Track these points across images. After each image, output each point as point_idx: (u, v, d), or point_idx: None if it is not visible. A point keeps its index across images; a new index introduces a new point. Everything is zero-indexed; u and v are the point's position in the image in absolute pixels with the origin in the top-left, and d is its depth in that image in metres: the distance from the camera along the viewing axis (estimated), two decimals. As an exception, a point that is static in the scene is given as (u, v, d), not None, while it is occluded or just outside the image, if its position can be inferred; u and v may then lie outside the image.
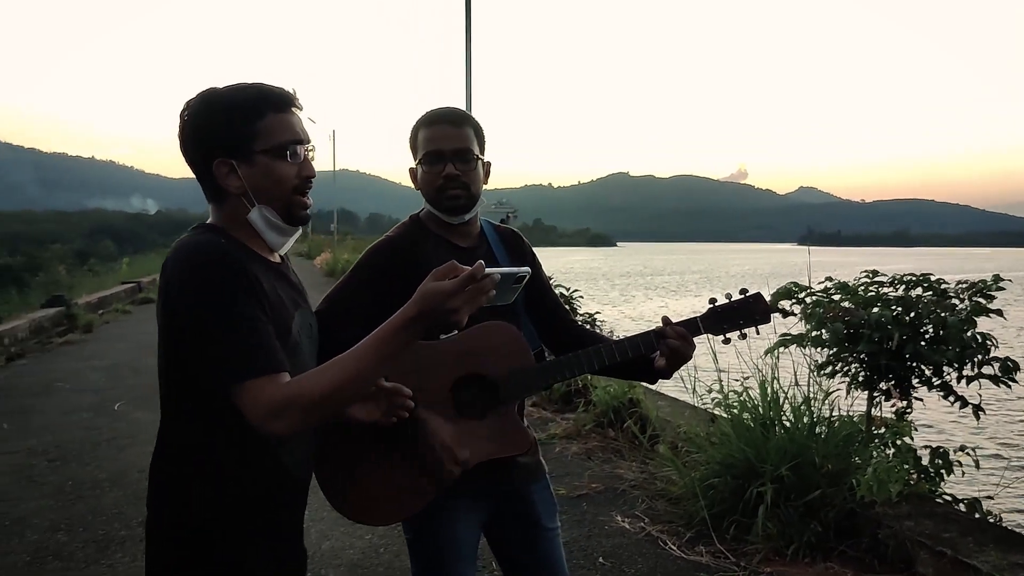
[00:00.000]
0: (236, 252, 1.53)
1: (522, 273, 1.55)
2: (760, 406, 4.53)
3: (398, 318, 1.43)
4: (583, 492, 5.01)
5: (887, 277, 5.26)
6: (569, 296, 12.22)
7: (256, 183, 1.58)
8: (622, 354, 2.08)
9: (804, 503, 4.00)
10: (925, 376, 4.88)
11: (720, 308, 2.10)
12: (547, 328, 2.31)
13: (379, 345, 1.43)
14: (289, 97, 1.62)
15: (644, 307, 34.28)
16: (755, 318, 2.10)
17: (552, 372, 2.08)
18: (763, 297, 2.12)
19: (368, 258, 2.14)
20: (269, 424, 1.40)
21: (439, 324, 1.44)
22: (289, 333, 1.56)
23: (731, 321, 2.09)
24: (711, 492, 4.36)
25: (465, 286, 1.41)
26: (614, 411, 6.23)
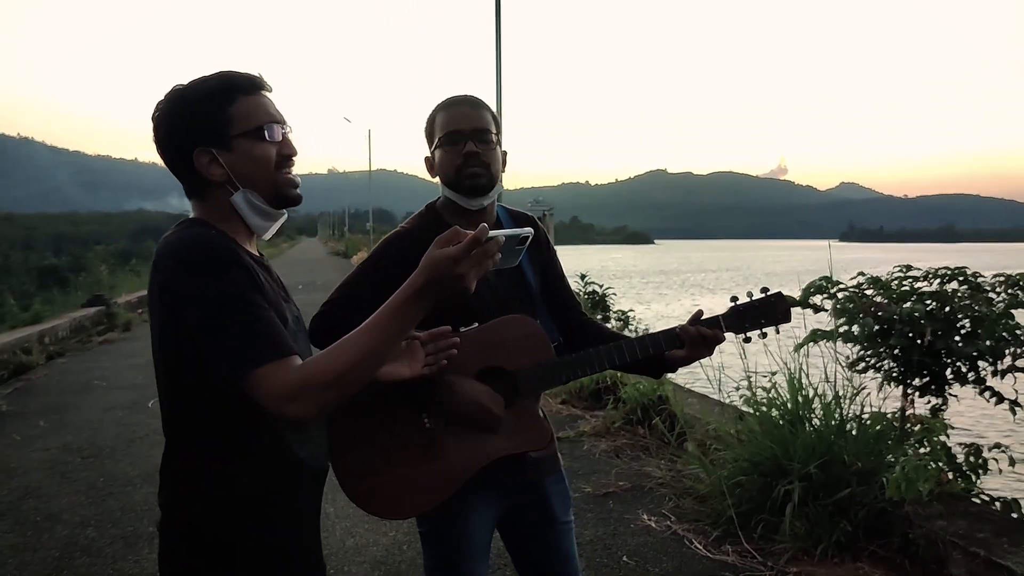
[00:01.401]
0: (230, 242, 1.53)
1: (525, 234, 1.54)
2: (789, 403, 4.45)
3: (406, 289, 1.44)
4: (610, 490, 4.97)
5: (920, 271, 5.15)
6: (603, 294, 12.17)
7: (238, 168, 1.57)
8: (643, 351, 2.06)
9: (833, 502, 3.92)
10: (960, 372, 4.78)
11: (742, 307, 2.09)
12: (562, 322, 2.28)
13: (391, 318, 1.44)
14: (256, 79, 1.61)
15: (678, 305, 34.00)
16: (776, 317, 2.09)
17: (573, 367, 2.06)
18: (784, 296, 2.10)
19: (383, 248, 2.12)
20: (287, 408, 1.39)
21: (448, 290, 1.44)
22: (286, 323, 1.56)
23: (752, 320, 2.08)
24: (738, 490, 4.30)
25: (471, 250, 1.42)
26: (643, 408, 6.17)
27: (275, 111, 1.62)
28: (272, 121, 1.60)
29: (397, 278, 1.49)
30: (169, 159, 1.60)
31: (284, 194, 1.63)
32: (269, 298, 1.52)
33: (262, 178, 1.60)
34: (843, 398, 4.42)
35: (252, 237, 1.66)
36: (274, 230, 1.68)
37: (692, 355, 2.06)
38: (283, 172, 1.62)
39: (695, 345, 2.05)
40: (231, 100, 1.57)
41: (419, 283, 1.43)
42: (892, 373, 4.89)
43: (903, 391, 4.91)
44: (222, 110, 1.56)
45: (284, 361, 1.42)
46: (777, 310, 2.08)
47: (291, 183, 1.64)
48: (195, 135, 1.56)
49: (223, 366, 1.43)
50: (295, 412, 1.40)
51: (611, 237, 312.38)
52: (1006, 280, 4.91)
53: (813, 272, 5.76)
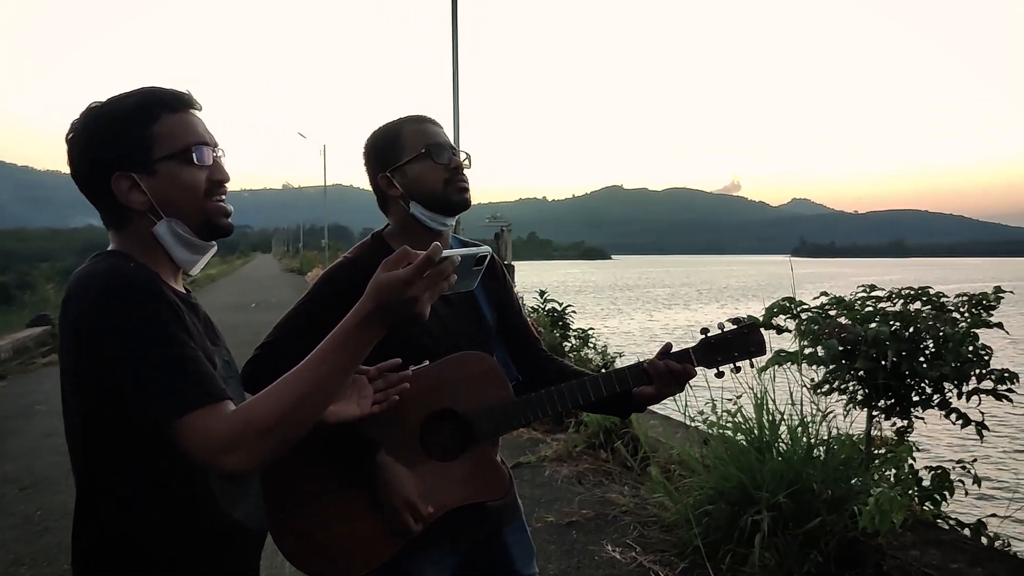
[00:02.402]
0: (152, 276, 1.36)
1: (482, 253, 1.41)
2: (755, 428, 4.34)
3: (354, 316, 1.29)
4: (573, 519, 4.81)
5: (884, 291, 5.10)
6: (562, 312, 12.04)
7: (162, 194, 1.40)
8: (609, 388, 1.92)
9: (803, 532, 3.81)
10: (925, 394, 4.73)
11: (713, 339, 1.96)
12: (521, 358, 2.13)
13: (336, 350, 1.28)
14: (184, 96, 1.44)
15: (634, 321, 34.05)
16: (750, 350, 1.96)
17: (534, 408, 1.90)
18: (758, 327, 1.97)
19: (325, 281, 1.95)
20: (220, 460, 1.22)
21: (400, 317, 1.30)
22: (215, 368, 1.38)
23: (725, 353, 1.95)
24: (705, 519, 4.17)
25: (423, 272, 1.28)
26: (605, 432, 6.04)
27: (205, 131, 1.45)
28: (201, 142, 1.42)
29: (342, 313, 1.33)
30: (84, 184, 1.42)
31: (214, 224, 1.45)
32: (196, 339, 1.35)
33: (189, 206, 1.42)
34: (810, 422, 4.33)
35: (178, 272, 1.48)
36: (203, 264, 1.50)
37: (661, 392, 1.93)
38: (213, 200, 1.45)
39: (664, 381, 1.92)
40: (154, 118, 1.40)
41: (368, 309, 1.28)
42: (857, 395, 4.83)
43: (868, 414, 4.84)
44: (144, 130, 1.39)
45: (216, 407, 1.25)
46: (750, 342, 1.96)
47: (222, 211, 1.46)
48: (113, 158, 1.38)
49: (145, 412, 1.25)
50: (230, 465, 1.23)
51: (569, 253, 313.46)
52: (969, 299, 4.88)
53: (767, 287, 5.71)
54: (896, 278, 33.64)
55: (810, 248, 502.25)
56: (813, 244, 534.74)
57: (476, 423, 1.84)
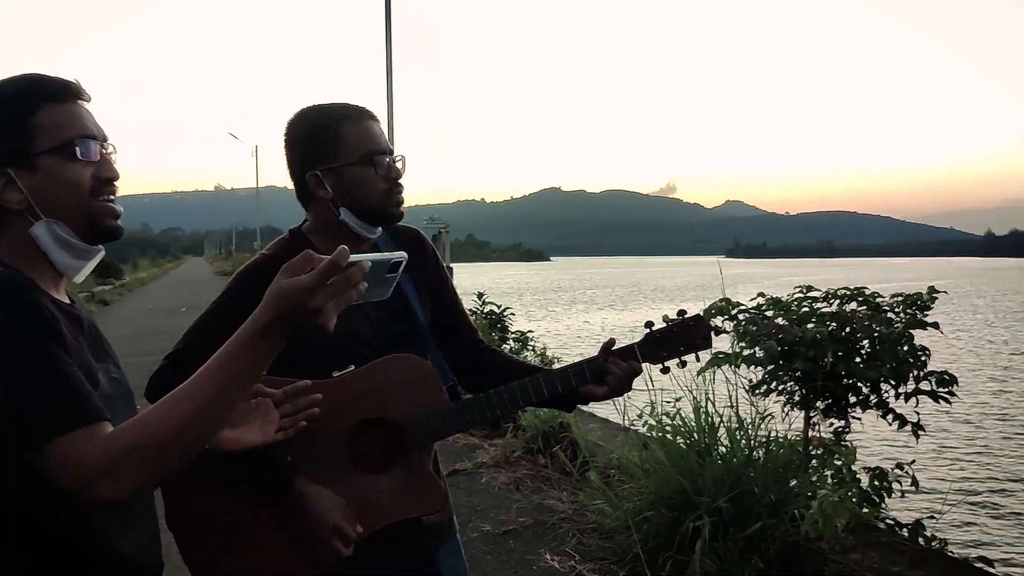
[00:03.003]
0: (26, 283, 1.20)
1: (397, 258, 1.26)
2: (694, 431, 4.28)
3: (250, 327, 1.15)
4: (510, 528, 4.69)
5: (821, 292, 5.10)
6: (500, 314, 11.92)
7: (42, 192, 1.25)
8: (566, 386, 1.80)
9: (744, 537, 3.74)
10: (863, 394, 4.73)
11: (658, 333, 1.85)
12: (455, 360, 1.99)
13: (229, 364, 1.14)
14: (70, 85, 1.29)
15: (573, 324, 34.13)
16: (696, 343, 1.87)
17: (473, 412, 1.77)
18: (704, 320, 1.89)
19: (239, 282, 1.79)
20: (93, 489, 1.08)
21: (302, 328, 1.15)
22: (97, 385, 1.22)
23: (671, 348, 1.85)
24: (645, 525, 4.08)
25: (327, 278, 1.13)
26: (544, 436, 5.92)
27: (92, 124, 1.30)
28: (87, 136, 1.27)
29: None
30: None
31: (100, 225, 1.30)
32: (73, 354, 1.19)
33: (72, 206, 1.27)
34: (749, 425, 4.28)
35: (60, 279, 1.32)
36: (88, 270, 1.34)
37: (613, 391, 1.82)
38: (100, 199, 1.29)
39: (615, 378, 1.81)
40: (34, 109, 1.25)
41: (265, 319, 1.14)
42: (795, 397, 4.81)
43: (806, 415, 4.83)
44: (22, 120, 1.24)
45: (89, 429, 1.11)
46: (696, 335, 1.86)
47: (109, 212, 1.31)
48: None
49: (8, 434, 1.10)
50: (105, 494, 1.09)
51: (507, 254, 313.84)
52: (904, 300, 4.90)
53: (704, 287, 5.69)
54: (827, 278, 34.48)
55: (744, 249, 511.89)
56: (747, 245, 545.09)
57: (408, 431, 1.70)
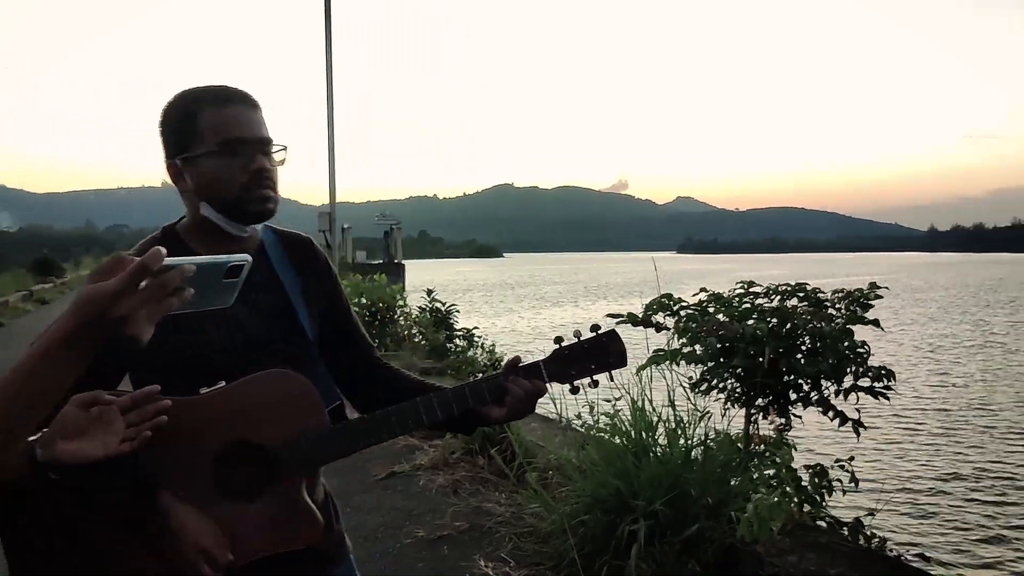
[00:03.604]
0: None
1: (237, 261, 1.13)
2: (632, 431, 4.16)
3: (53, 333, 1.03)
4: (445, 533, 4.53)
5: (762, 288, 5.03)
6: (446, 312, 11.77)
7: None
8: (462, 406, 1.63)
9: (681, 540, 3.64)
10: (803, 391, 4.67)
11: (567, 350, 1.72)
12: (348, 375, 1.82)
13: (27, 372, 1.03)
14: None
15: (524, 320, 34.04)
16: (609, 361, 1.73)
17: (355, 436, 1.58)
18: (619, 336, 1.75)
19: None
20: None
21: (111, 336, 1.03)
22: None
23: (580, 365, 1.72)
24: (581, 529, 3.95)
25: (135, 282, 1.01)
26: (484, 437, 5.77)
27: None
28: None
29: None
30: None
31: None
32: None
33: None
34: (687, 424, 4.18)
35: None
36: None
37: (511, 412, 1.67)
38: None
39: (514, 398, 1.66)
40: None
41: (68, 327, 1.02)
42: (736, 394, 4.73)
43: (747, 412, 4.75)
44: None
45: None
46: (609, 352, 1.72)
47: None
48: None
49: None
50: None
51: (460, 251, 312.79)
52: (845, 295, 4.85)
53: (651, 283, 5.60)
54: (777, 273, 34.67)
55: (695, 245, 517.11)
56: (698, 241, 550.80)
57: (281, 456, 1.52)
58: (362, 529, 4.64)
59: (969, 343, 25.25)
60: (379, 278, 11.93)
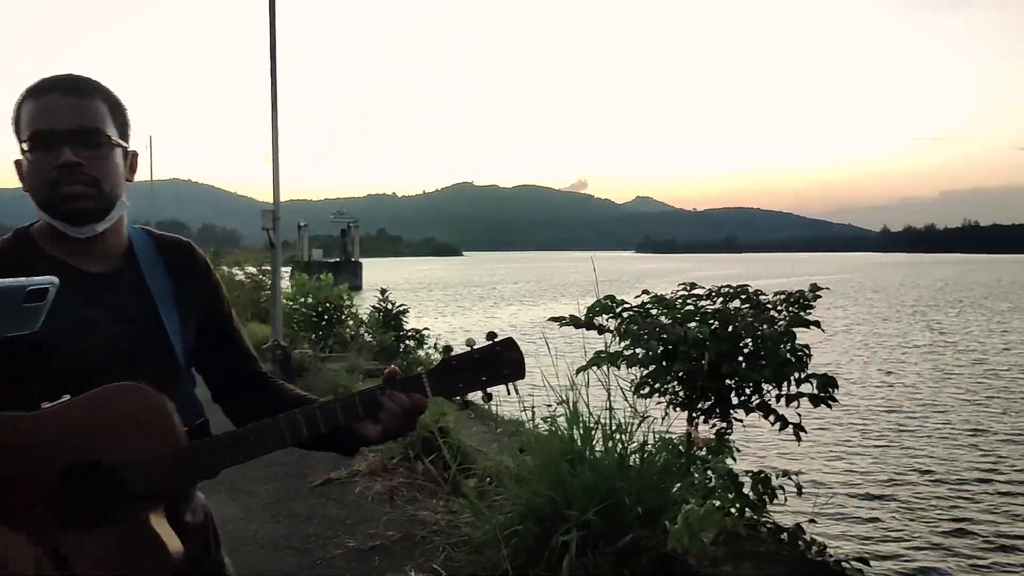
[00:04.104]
0: None
1: (39, 284, 1.02)
2: (569, 437, 4.05)
3: None
4: (377, 543, 4.38)
5: (704, 290, 4.96)
6: (395, 312, 11.57)
7: None
8: (331, 423, 1.48)
9: (615, 550, 3.53)
10: (745, 395, 4.60)
11: (455, 360, 1.56)
12: (225, 387, 1.67)
13: None
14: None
15: (480, 319, 33.91)
16: (502, 373, 1.55)
17: (215, 454, 1.42)
18: (516, 344, 1.57)
19: None
20: None
21: None
22: None
23: (469, 377, 1.55)
24: (515, 539, 3.83)
25: None
26: (424, 442, 5.63)
27: None
28: None
29: None
30: None
31: None
32: None
33: None
34: (625, 429, 4.08)
35: None
36: None
37: (387, 430, 1.52)
38: None
39: (389, 416, 1.50)
40: None
41: None
42: (678, 397, 4.65)
43: (688, 416, 4.67)
44: None
45: None
46: (504, 363, 1.55)
47: None
48: None
49: None
50: None
51: (419, 249, 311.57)
52: (787, 298, 4.79)
53: (610, 282, 5.51)
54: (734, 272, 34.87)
55: (653, 244, 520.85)
56: (656, 241, 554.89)
57: (130, 478, 1.37)
58: (292, 539, 4.49)
59: (919, 343, 25.65)
60: (326, 277, 11.71)
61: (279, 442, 1.45)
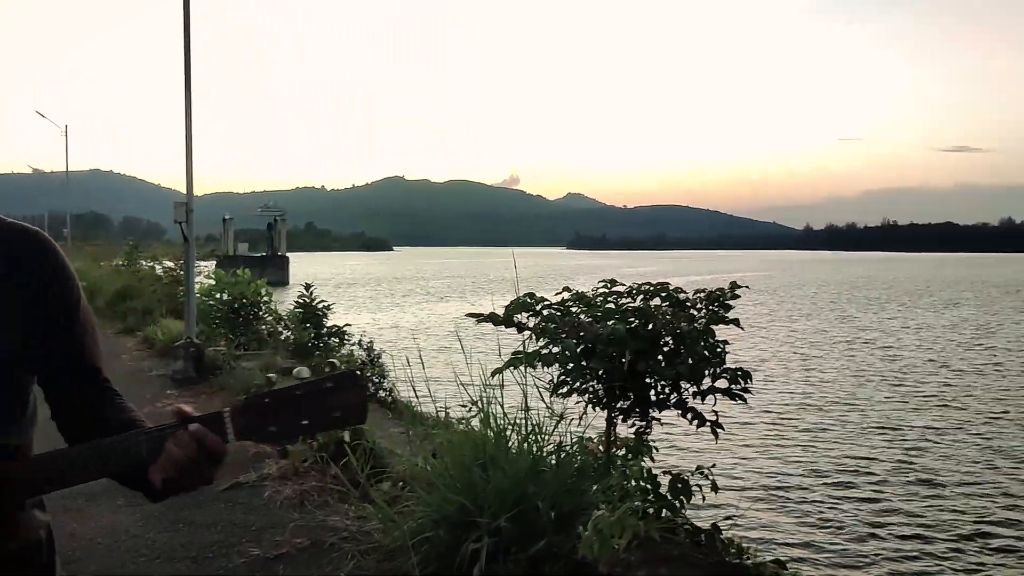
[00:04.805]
0: None
1: None
2: (482, 440, 3.92)
3: None
4: (283, 551, 4.19)
5: (625, 287, 4.88)
6: (315, 309, 11.27)
7: None
8: (95, 465, 1.25)
9: (528, 557, 3.42)
10: (663, 393, 4.54)
11: (270, 398, 1.24)
12: (64, 397, 1.47)
13: None
14: None
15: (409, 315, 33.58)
16: (333, 416, 1.24)
17: None
18: (357, 381, 1.25)
19: None
20: None
21: None
22: None
23: (287, 421, 1.23)
24: (425, 546, 3.69)
25: None
26: (337, 443, 5.43)
27: None
28: None
29: None
30: None
31: None
32: None
33: None
34: (541, 431, 3.97)
35: None
36: None
37: (171, 482, 1.25)
38: None
39: (172, 464, 1.23)
40: None
41: None
42: (597, 396, 4.56)
43: (608, 416, 4.59)
44: None
45: None
46: (335, 405, 1.23)
47: None
48: None
49: None
50: None
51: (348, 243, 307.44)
52: (707, 295, 4.74)
53: (541, 278, 5.40)
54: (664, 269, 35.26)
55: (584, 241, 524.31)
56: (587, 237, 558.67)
57: None
58: (191, 548, 4.26)
59: (838, 339, 26.27)
60: (243, 273, 11.34)
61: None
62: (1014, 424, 13.65)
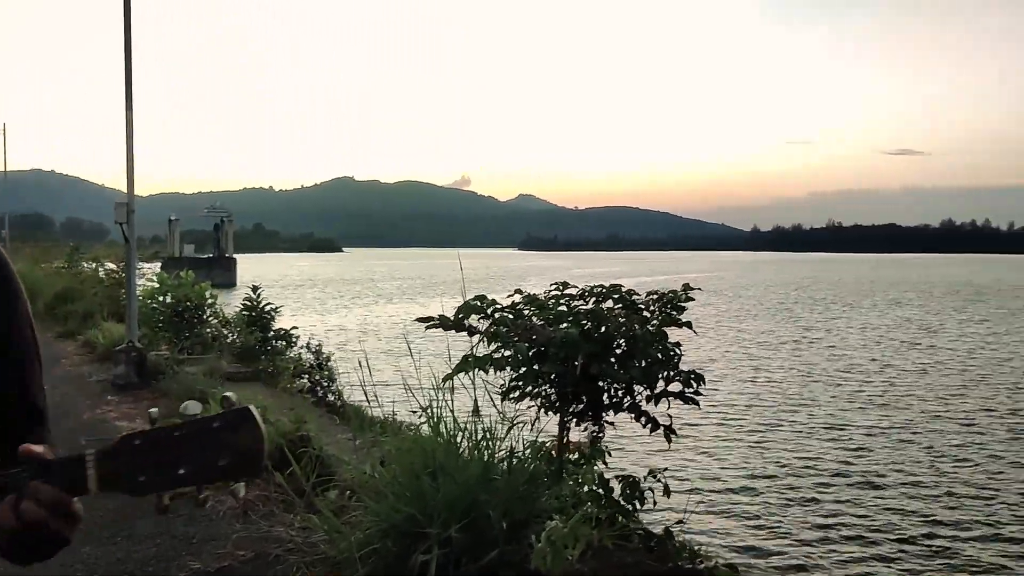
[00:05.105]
0: None
1: None
2: (431, 448, 3.82)
3: None
4: (225, 564, 4.05)
5: (577, 289, 4.82)
6: (261, 312, 11.03)
7: None
8: None
9: (479, 567, 3.33)
10: (617, 396, 4.49)
11: (141, 440, 0.99)
12: None
13: None
14: None
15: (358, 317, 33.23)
16: (217, 466, 0.96)
17: None
18: (252, 420, 0.97)
19: None
20: None
21: None
22: None
23: (159, 470, 0.97)
24: (373, 558, 3.58)
25: None
26: (281, 449, 5.27)
27: None
28: None
29: None
30: None
31: None
32: None
33: None
34: (493, 437, 3.88)
35: None
36: None
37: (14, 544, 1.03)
38: None
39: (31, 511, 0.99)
40: None
41: None
42: (550, 400, 4.49)
43: (561, 420, 4.52)
44: None
45: None
46: (222, 450, 0.96)
47: None
48: None
49: None
50: None
51: (297, 244, 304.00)
52: (659, 298, 4.71)
53: (491, 279, 5.30)
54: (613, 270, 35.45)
55: (535, 242, 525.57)
56: (539, 238, 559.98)
57: None
58: (128, 563, 4.10)
59: (785, 339, 26.61)
60: (186, 275, 11.08)
61: None
62: (956, 423, 13.92)
